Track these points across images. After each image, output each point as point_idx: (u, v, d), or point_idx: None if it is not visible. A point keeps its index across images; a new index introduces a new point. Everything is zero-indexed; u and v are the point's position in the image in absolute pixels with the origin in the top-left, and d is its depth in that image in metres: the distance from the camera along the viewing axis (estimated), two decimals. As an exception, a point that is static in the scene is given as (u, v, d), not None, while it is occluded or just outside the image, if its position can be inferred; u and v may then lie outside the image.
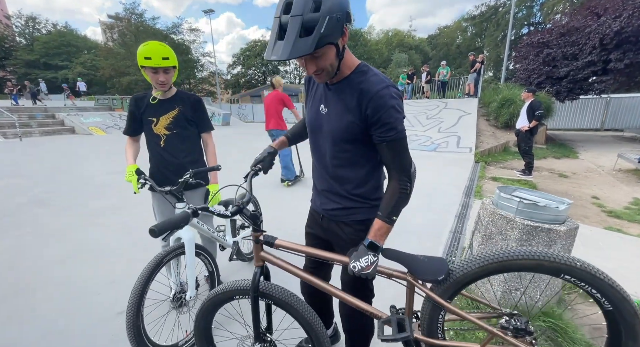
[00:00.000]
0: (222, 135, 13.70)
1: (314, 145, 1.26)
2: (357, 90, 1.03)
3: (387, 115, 0.99)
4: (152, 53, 1.66)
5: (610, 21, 9.19)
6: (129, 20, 34.00)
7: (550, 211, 1.80)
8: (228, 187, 1.35)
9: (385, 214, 1.05)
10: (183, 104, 1.89)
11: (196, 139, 2.00)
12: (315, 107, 1.19)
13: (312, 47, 0.85)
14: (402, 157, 1.05)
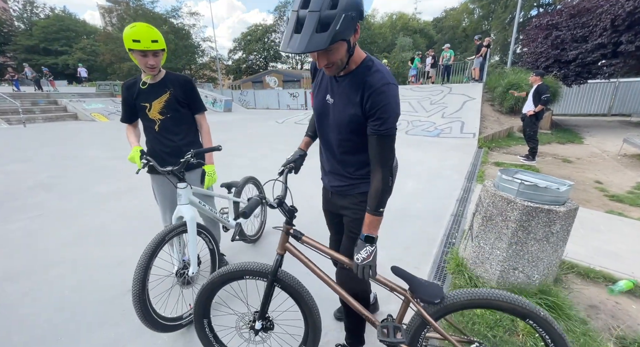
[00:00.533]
0: (225, 121, 13.66)
1: (320, 131, 1.37)
2: (361, 84, 1.09)
3: (382, 111, 1.06)
4: (140, 35, 1.62)
5: (623, 1, 8.85)
6: (127, 4, 33.23)
7: (551, 192, 1.81)
8: (270, 182, 1.44)
9: (373, 208, 1.15)
10: (173, 87, 1.87)
11: (190, 120, 2.00)
12: (321, 95, 1.28)
13: (327, 42, 0.90)
14: (388, 152, 1.12)
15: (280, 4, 42.03)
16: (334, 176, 1.40)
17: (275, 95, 22.63)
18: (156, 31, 1.68)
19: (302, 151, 1.53)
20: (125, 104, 1.89)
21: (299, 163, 1.50)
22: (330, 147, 1.33)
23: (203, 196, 2.10)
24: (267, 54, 44.00)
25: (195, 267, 1.80)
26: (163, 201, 2.02)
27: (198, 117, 2.02)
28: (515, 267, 1.95)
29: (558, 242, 1.87)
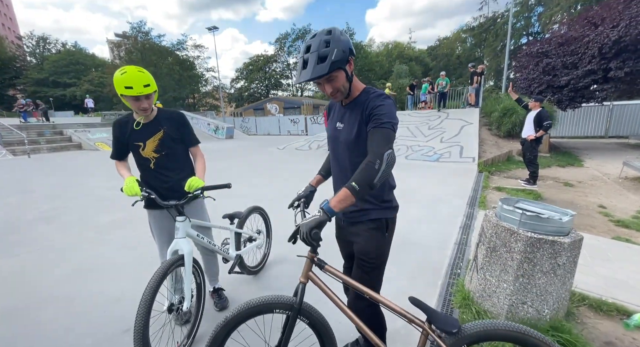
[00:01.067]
0: (226, 148, 13.88)
1: (334, 154, 1.49)
2: (364, 103, 1.29)
3: (377, 110, 1.22)
4: (132, 82, 1.63)
5: (608, 31, 9.29)
6: (135, 38, 35.10)
7: (554, 223, 1.80)
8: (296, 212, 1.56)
9: (348, 182, 1.13)
10: (167, 124, 1.88)
11: (186, 155, 2.01)
12: (333, 124, 1.47)
13: (327, 69, 1.16)
14: (382, 142, 1.15)
15: (281, 36, 44.31)
16: None
17: (276, 122, 23.16)
18: (147, 75, 1.71)
19: (312, 187, 1.66)
20: (118, 142, 1.88)
21: (309, 198, 1.63)
22: (344, 168, 1.41)
23: (201, 228, 2.09)
24: (268, 82, 45.66)
25: (189, 302, 1.75)
26: (161, 236, 2.00)
27: (193, 149, 2.04)
28: (524, 302, 1.89)
29: (566, 274, 1.82)
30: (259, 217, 2.90)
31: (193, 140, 2.02)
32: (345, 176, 1.39)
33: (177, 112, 1.99)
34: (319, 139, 12.57)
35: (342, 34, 1.20)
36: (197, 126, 20.81)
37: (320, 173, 1.73)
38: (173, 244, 1.76)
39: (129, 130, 1.84)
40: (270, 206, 4.73)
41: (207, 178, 1.98)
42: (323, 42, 1.17)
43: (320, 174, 1.73)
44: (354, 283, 1.27)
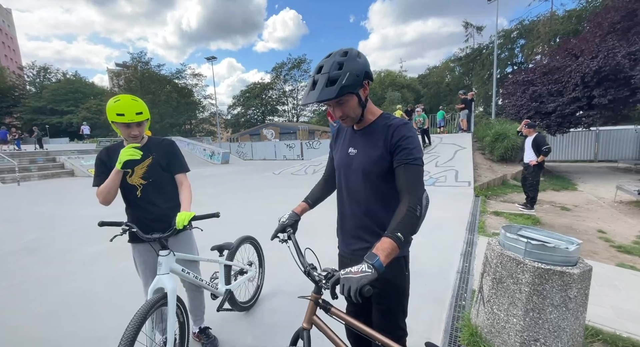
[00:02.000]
0: (221, 173, 13.81)
1: (344, 182, 1.34)
2: (384, 128, 1.19)
3: (407, 142, 1.13)
4: (124, 109, 1.61)
5: (588, 61, 9.82)
6: (135, 67, 36.16)
7: (561, 252, 1.73)
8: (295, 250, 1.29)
9: (390, 230, 1.02)
10: (156, 151, 1.84)
11: (174, 185, 1.92)
12: (344, 150, 1.34)
13: (335, 93, 1.07)
14: (416, 182, 1.10)
15: (277, 65, 46.06)
16: (357, 234, 1.30)
17: (272, 147, 23.37)
18: (140, 103, 1.68)
19: (296, 216, 1.45)
20: (104, 167, 1.77)
21: (294, 228, 1.42)
22: (356, 199, 1.28)
23: (187, 261, 1.97)
24: (265, 108, 46.72)
25: (171, 346, 1.60)
26: (145, 271, 1.87)
27: (179, 176, 1.92)
28: (537, 339, 1.77)
29: (578, 308, 1.73)
30: (250, 247, 2.78)
31: (181, 167, 1.93)
32: (357, 207, 1.28)
33: (168, 139, 1.96)
34: (314, 164, 12.61)
35: (358, 56, 1.13)
36: (193, 152, 20.86)
37: (307, 201, 1.54)
38: (155, 281, 1.63)
39: (118, 156, 1.77)
40: (264, 233, 4.55)
41: (201, 205, 1.90)
42: (336, 64, 1.09)
43: (307, 202, 1.54)
44: (366, 328, 1.06)
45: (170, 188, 1.91)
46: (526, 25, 31.44)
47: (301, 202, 1.54)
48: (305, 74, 46.01)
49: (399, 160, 1.12)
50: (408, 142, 1.13)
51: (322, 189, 1.58)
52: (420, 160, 1.13)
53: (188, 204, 1.82)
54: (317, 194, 1.57)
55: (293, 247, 1.28)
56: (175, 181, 1.93)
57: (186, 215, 1.64)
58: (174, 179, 1.93)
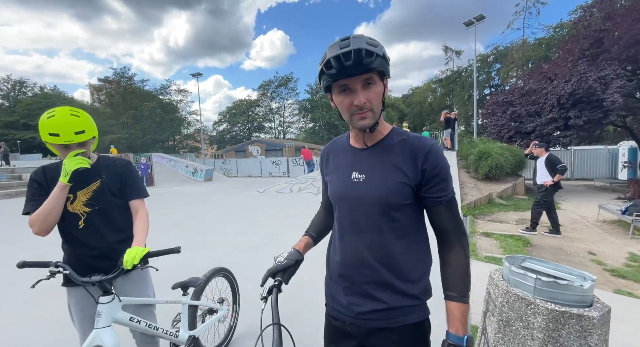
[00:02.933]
0: (203, 191, 13.27)
1: (350, 220, 0.99)
2: (406, 147, 0.94)
3: (444, 171, 0.93)
4: (60, 127, 1.30)
5: (562, 84, 10.27)
6: (118, 82, 35.57)
7: (575, 290, 1.51)
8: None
9: (460, 293, 0.90)
10: (106, 173, 1.55)
11: (126, 213, 1.62)
12: (344, 175, 1.02)
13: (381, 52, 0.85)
14: (459, 218, 0.96)
15: (265, 83, 46.51)
16: (366, 292, 0.96)
17: (257, 164, 23.01)
18: (83, 119, 1.38)
19: (299, 254, 1.10)
20: (42, 191, 1.44)
21: (292, 271, 1.05)
22: (368, 240, 0.95)
23: (140, 306, 1.62)
24: (251, 125, 46.62)
25: None
26: (83, 321, 1.49)
27: (135, 203, 1.60)
28: (554, 395, 1.51)
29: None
30: (222, 280, 2.43)
31: (137, 192, 1.62)
32: (369, 253, 0.95)
33: (123, 160, 1.66)
34: (300, 182, 12.33)
35: None
36: (175, 169, 20.20)
37: (309, 234, 1.22)
38: (91, 337, 1.28)
39: (57, 178, 1.43)
40: (243, 260, 4.20)
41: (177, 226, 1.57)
42: (368, 39, 0.87)
43: (310, 235, 1.22)
44: None
45: (122, 217, 1.59)
46: (501, 51, 33.36)
47: (303, 235, 1.22)
48: (292, 91, 46.65)
49: (439, 196, 0.92)
50: (445, 171, 0.92)
51: (325, 219, 1.27)
52: (454, 192, 0.96)
53: (142, 237, 1.50)
54: (320, 224, 1.26)
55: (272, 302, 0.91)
56: (127, 210, 1.62)
57: (137, 251, 1.32)
58: (127, 207, 1.62)
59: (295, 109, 47.54)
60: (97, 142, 1.59)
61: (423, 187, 0.92)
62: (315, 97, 43.54)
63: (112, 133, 32.67)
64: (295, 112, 47.59)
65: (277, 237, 5.31)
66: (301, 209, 8.03)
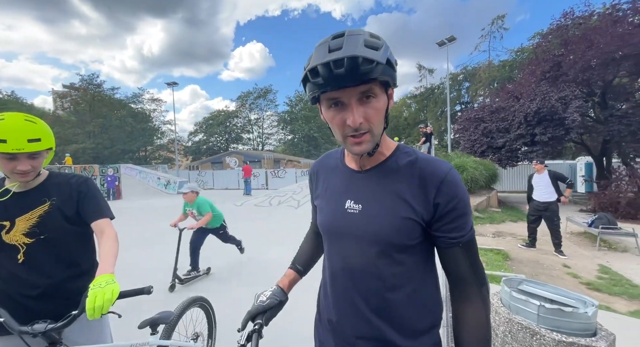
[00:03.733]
0: (175, 205, 12.58)
1: (341, 258, 0.83)
2: (414, 172, 0.76)
3: (463, 205, 0.74)
4: (8, 133, 1.08)
5: (528, 103, 10.97)
6: (85, 89, 33.71)
7: (579, 318, 1.45)
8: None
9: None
10: (58, 194, 1.28)
11: (83, 241, 1.36)
12: (334, 204, 0.85)
13: (384, 58, 0.65)
14: (479, 262, 0.78)
15: (243, 94, 46.12)
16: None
17: (235, 175, 22.41)
18: (39, 126, 1.18)
19: (283, 294, 0.97)
20: None
21: (274, 312, 0.93)
22: (363, 286, 0.79)
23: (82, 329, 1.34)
24: (229, 136, 45.75)
25: None
26: None
27: (100, 224, 1.31)
28: None
29: (606, 389, 1.42)
30: (199, 311, 2.17)
31: (98, 212, 1.34)
32: (363, 301, 0.79)
33: (79, 176, 1.38)
34: (280, 195, 12.06)
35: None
36: (146, 181, 19.16)
37: (294, 267, 1.07)
38: None
39: None
40: (219, 287, 3.87)
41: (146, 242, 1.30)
42: (371, 34, 0.69)
43: (296, 268, 1.06)
44: None
45: (75, 247, 1.33)
46: (470, 70, 35.50)
47: (288, 269, 1.07)
48: (272, 103, 46.59)
49: (456, 237, 0.74)
50: (463, 205, 0.74)
51: (314, 247, 1.12)
52: (474, 229, 0.78)
53: (110, 262, 1.19)
54: (308, 254, 1.11)
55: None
56: (84, 237, 1.36)
57: (105, 298, 1.01)
58: (85, 234, 1.36)
59: (274, 121, 47.43)
60: (52, 156, 1.35)
61: (435, 225, 0.74)
62: (294, 109, 43.74)
63: (76, 142, 30.65)
64: (275, 123, 47.46)
65: (257, 255, 5.03)
66: (281, 224, 7.78)
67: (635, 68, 10.70)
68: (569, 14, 13.47)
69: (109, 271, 1.14)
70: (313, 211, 1.08)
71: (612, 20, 11.08)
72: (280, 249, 5.36)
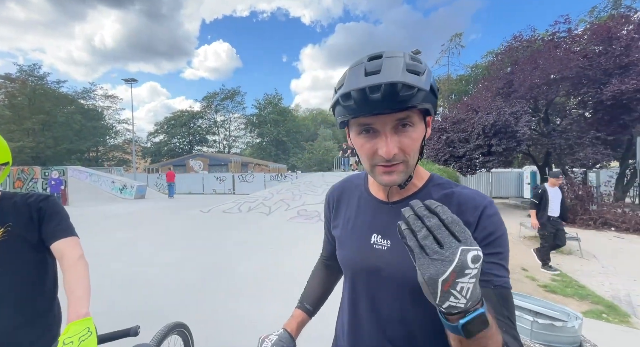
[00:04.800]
0: (133, 212, 11.63)
1: (366, 299, 0.76)
2: (450, 205, 0.68)
3: (501, 243, 0.65)
4: None
5: (485, 116, 11.88)
6: (24, 81, 30.04)
7: (568, 332, 1.54)
8: None
9: None
10: (15, 217, 1.08)
11: (41, 269, 1.13)
12: (359, 239, 0.77)
13: (427, 84, 0.60)
14: (513, 311, 0.65)
15: (209, 94, 44.39)
16: None
17: (199, 180, 21.39)
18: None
19: (290, 340, 0.86)
20: None
21: None
22: (391, 328, 0.72)
23: None
24: (192, 138, 43.66)
25: None
26: None
27: (59, 244, 1.07)
28: None
29: (591, 398, 1.52)
30: (177, 339, 1.97)
31: (61, 230, 1.11)
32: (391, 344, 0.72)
33: (39, 194, 1.16)
34: (250, 200, 11.69)
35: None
36: (97, 184, 17.50)
37: (302, 306, 0.97)
38: None
39: None
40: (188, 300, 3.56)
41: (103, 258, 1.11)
42: (413, 57, 0.64)
43: (304, 308, 0.96)
44: None
45: (32, 281, 1.10)
46: (431, 83, 37.87)
47: (295, 309, 0.96)
48: (239, 105, 45.42)
49: (489, 279, 0.62)
50: (502, 243, 0.65)
51: (324, 282, 1.02)
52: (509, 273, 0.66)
53: (82, 300, 0.93)
54: (318, 290, 1.00)
55: None
56: (43, 267, 1.13)
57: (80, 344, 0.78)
58: (43, 266, 1.13)
59: (241, 124, 46.30)
60: (7, 172, 1.13)
61: None
62: (263, 112, 43.07)
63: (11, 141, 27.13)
64: (242, 126, 46.32)
65: (228, 268, 4.77)
66: (252, 232, 7.51)
67: (571, 88, 12.13)
68: (518, 37, 14.98)
69: (82, 313, 0.89)
70: (326, 241, 1.01)
71: (553, 46, 12.50)
72: (253, 260, 5.15)
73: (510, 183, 18.33)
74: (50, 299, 1.18)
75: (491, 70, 17.07)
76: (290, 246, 6.00)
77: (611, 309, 3.73)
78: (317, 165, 34.66)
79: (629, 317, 3.59)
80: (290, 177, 19.89)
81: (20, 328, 1.05)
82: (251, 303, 3.47)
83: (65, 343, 0.79)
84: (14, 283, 1.06)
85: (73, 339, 0.80)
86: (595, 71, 10.84)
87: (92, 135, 33.54)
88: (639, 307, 3.89)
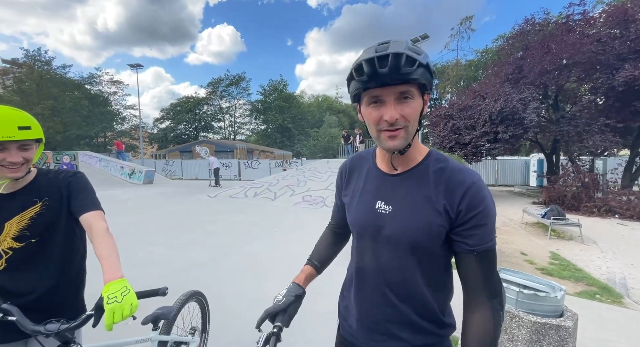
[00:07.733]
0: (143, 196, 11.95)
1: (372, 254, 0.91)
2: (442, 179, 0.82)
3: (485, 215, 0.77)
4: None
5: (492, 102, 11.73)
6: (31, 66, 30.12)
7: (551, 301, 1.67)
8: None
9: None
10: (49, 193, 1.19)
11: (73, 240, 1.25)
12: (366, 202, 0.91)
13: (424, 60, 0.74)
14: (495, 274, 0.79)
15: (214, 80, 44.07)
16: (387, 330, 0.89)
17: (205, 165, 21.60)
18: (26, 115, 1.10)
19: (298, 288, 1.00)
20: None
21: (293, 310, 0.96)
22: (392, 279, 0.87)
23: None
24: (198, 124, 43.77)
25: None
26: None
27: (88, 216, 1.18)
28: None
29: (569, 360, 1.66)
30: (195, 305, 2.16)
31: (88, 204, 1.22)
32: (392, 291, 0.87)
33: (68, 171, 1.30)
34: (255, 186, 11.90)
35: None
36: (107, 169, 17.87)
37: (311, 263, 1.09)
38: None
39: None
40: (199, 276, 3.81)
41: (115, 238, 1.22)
42: (411, 45, 0.76)
43: (313, 264, 1.09)
44: None
45: (65, 250, 1.23)
46: (439, 68, 36.91)
47: (304, 265, 1.09)
48: (244, 91, 45.14)
49: (473, 245, 0.77)
50: (486, 215, 0.77)
51: (331, 244, 1.16)
52: (495, 242, 0.80)
53: (116, 264, 1.05)
54: (325, 251, 1.14)
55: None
56: (75, 238, 1.26)
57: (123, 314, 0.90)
58: (74, 236, 1.26)
59: (246, 110, 46.05)
60: (41, 150, 1.26)
61: (455, 229, 0.79)
62: (268, 98, 42.77)
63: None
64: (247, 113, 46.12)
65: (235, 249, 4.98)
66: (259, 216, 7.72)
67: (583, 74, 11.83)
68: (530, 20, 14.48)
69: (119, 275, 1.01)
70: (336, 209, 1.14)
71: (566, 29, 12.10)
72: (259, 242, 5.36)
73: (517, 171, 18.20)
74: (78, 266, 1.33)
75: (501, 55, 16.64)
76: (295, 230, 6.20)
77: (605, 291, 3.86)
78: (322, 152, 34.66)
79: (622, 298, 3.72)
80: (296, 163, 20.04)
81: (62, 289, 1.22)
82: (258, 281, 3.68)
83: (110, 298, 0.91)
84: (52, 251, 1.21)
85: (116, 295, 0.92)
86: (608, 56, 10.53)
87: (100, 121, 33.86)
88: (632, 289, 4.02)
